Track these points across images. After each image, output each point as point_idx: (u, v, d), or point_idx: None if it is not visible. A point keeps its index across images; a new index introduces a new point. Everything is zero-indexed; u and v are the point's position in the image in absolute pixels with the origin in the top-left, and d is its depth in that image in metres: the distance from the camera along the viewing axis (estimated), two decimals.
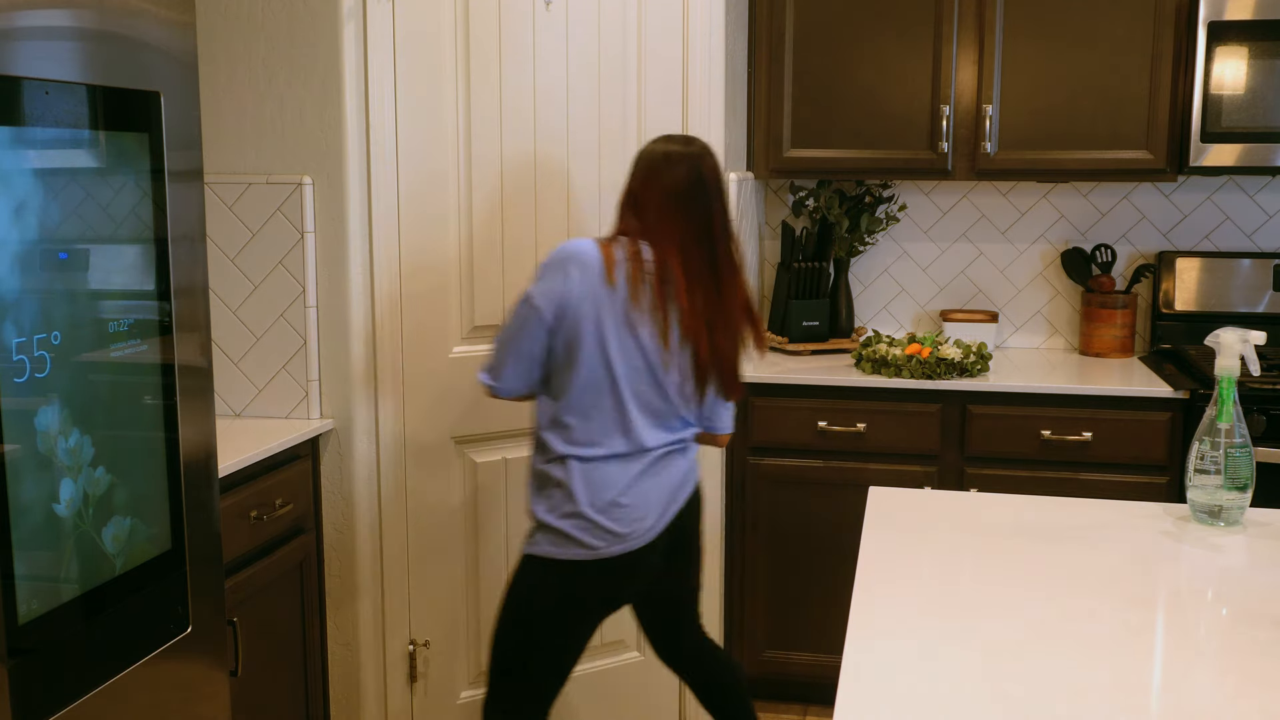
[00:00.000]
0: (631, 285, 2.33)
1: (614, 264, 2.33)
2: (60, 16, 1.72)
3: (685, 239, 2.38)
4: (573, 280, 2.32)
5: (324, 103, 2.69)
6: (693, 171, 2.40)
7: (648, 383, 2.40)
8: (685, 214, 2.38)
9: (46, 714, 1.72)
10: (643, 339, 2.36)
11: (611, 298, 2.33)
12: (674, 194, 2.38)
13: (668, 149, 2.43)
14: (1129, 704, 1.41)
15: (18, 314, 1.66)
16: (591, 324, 2.33)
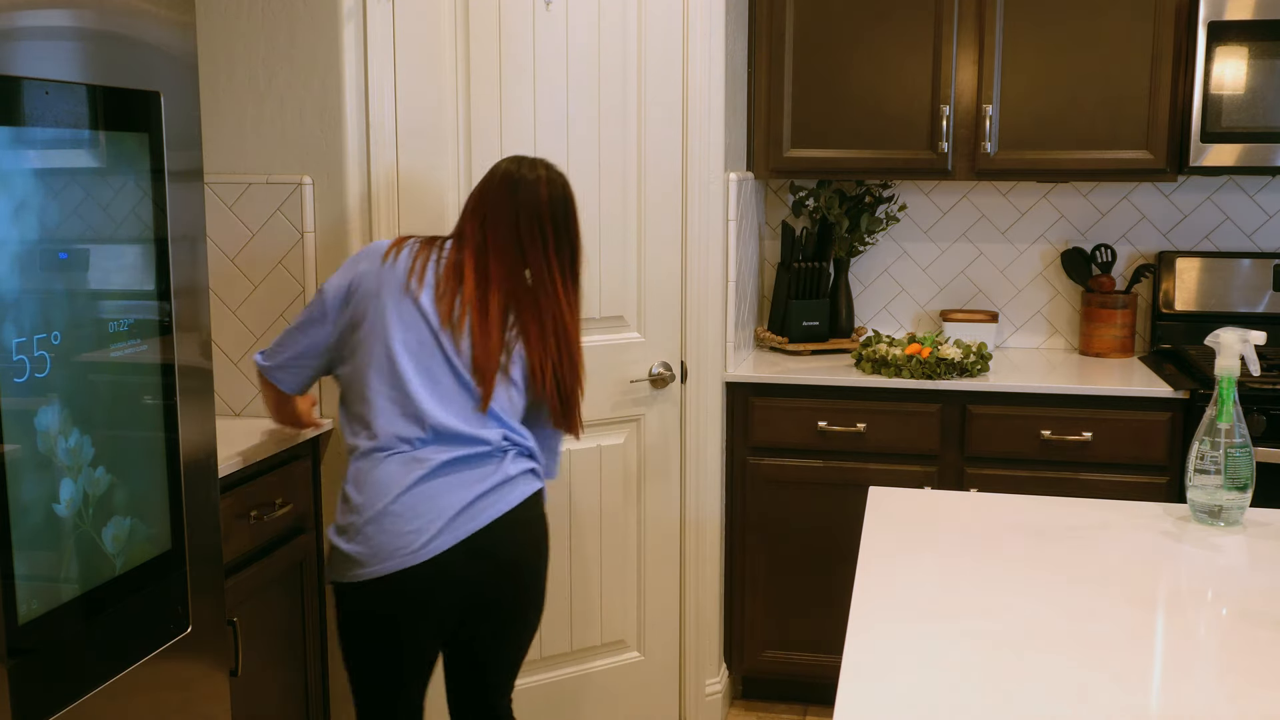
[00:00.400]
0: (414, 260, 2.28)
1: (400, 246, 2.32)
2: (60, 16, 1.72)
3: (492, 243, 2.29)
4: (359, 266, 2.32)
5: (324, 103, 2.69)
6: (527, 181, 2.33)
7: (436, 358, 2.23)
8: (497, 223, 2.30)
9: (46, 714, 1.72)
10: (424, 306, 2.24)
11: (391, 271, 2.27)
12: (487, 206, 2.32)
13: (507, 169, 2.37)
14: (1129, 704, 1.41)
15: (18, 314, 1.66)
16: (371, 299, 2.26)
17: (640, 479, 3.23)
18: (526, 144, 2.91)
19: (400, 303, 2.26)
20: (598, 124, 3.01)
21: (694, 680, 3.38)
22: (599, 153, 3.02)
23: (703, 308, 3.24)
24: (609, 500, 3.18)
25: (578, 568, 3.15)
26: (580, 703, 3.22)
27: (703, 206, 3.19)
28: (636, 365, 3.17)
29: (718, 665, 3.45)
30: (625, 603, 3.26)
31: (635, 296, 3.14)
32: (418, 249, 2.32)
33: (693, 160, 3.16)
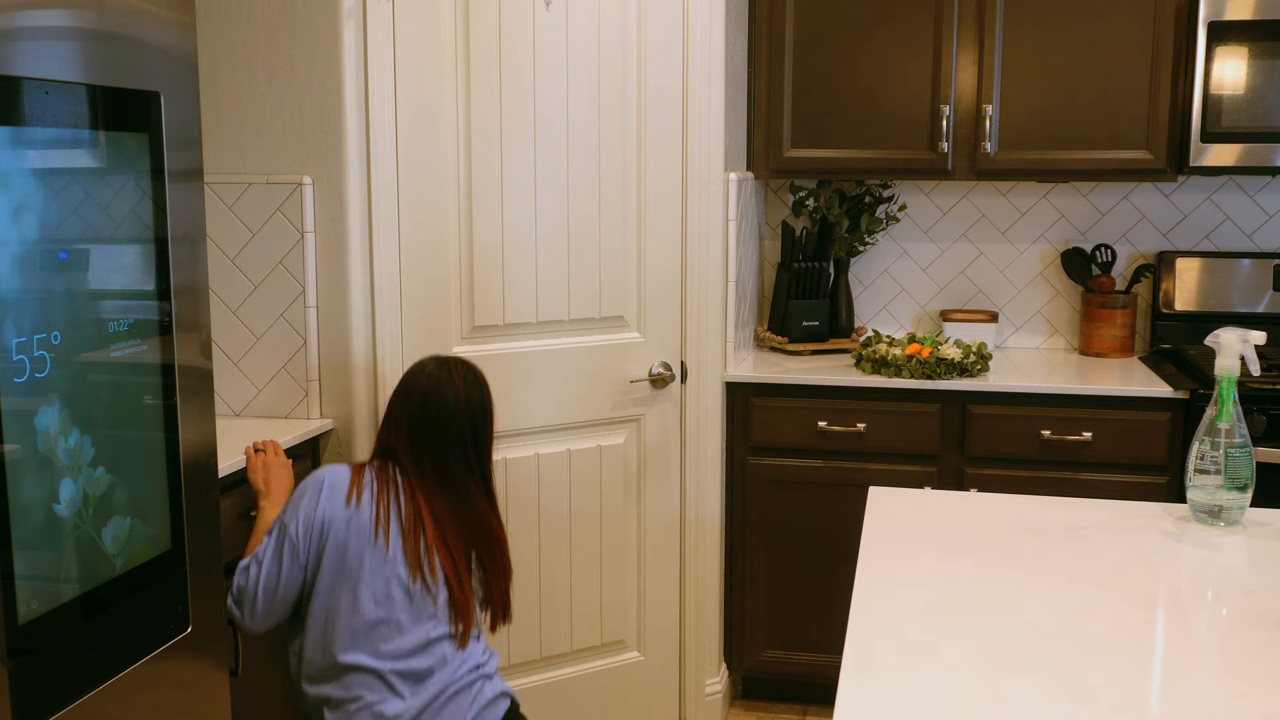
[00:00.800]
0: (376, 506, 2.28)
1: (359, 485, 2.29)
2: (60, 16, 1.72)
3: (434, 472, 2.32)
4: (322, 508, 2.27)
5: (324, 103, 2.69)
6: (447, 403, 2.33)
7: (406, 607, 2.27)
8: (433, 445, 2.32)
9: (46, 714, 1.72)
10: (393, 556, 2.27)
11: (357, 516, 2.27)
12: (424, 423, 2.32)
13: (427, 374, 2.36)
14: (1129, 704, 1.41)
15: (18, 314, 1.66)
16: (340, 546, 2.26)
17: (640, 479, 3.23)
18: (526, 143, 2.91)
19: (371, 553, 2.26)
20: (598, 124, 3.01)
21: (694, 680, 3.38)
22: (599, 152, 3.02)
23: (703, 308, 3.24)
24: (609, 500, 3.18)
25: (578, 568, 3.15)
26: (580, 703, 3.22)
27: (703, 206, 3.19)
28: (636, 365, 3.17)
29: (718, 665, 3.45)
30: (625, 603, 3.26)
31: (635, 296, 3.14)
32: (377, 489, 2.30)
33: (693, 160, 3.16)
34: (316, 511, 2.28)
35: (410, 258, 2.81)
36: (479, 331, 2.93)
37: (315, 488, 2.30)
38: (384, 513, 2.29)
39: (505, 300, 2.95)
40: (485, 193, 2.88)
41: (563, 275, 3.02)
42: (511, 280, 2.95)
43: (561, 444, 3.08)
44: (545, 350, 3.03)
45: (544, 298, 3.00)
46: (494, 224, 2.90)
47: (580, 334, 3.08)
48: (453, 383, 2.35)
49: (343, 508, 2.28)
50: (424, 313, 2.85)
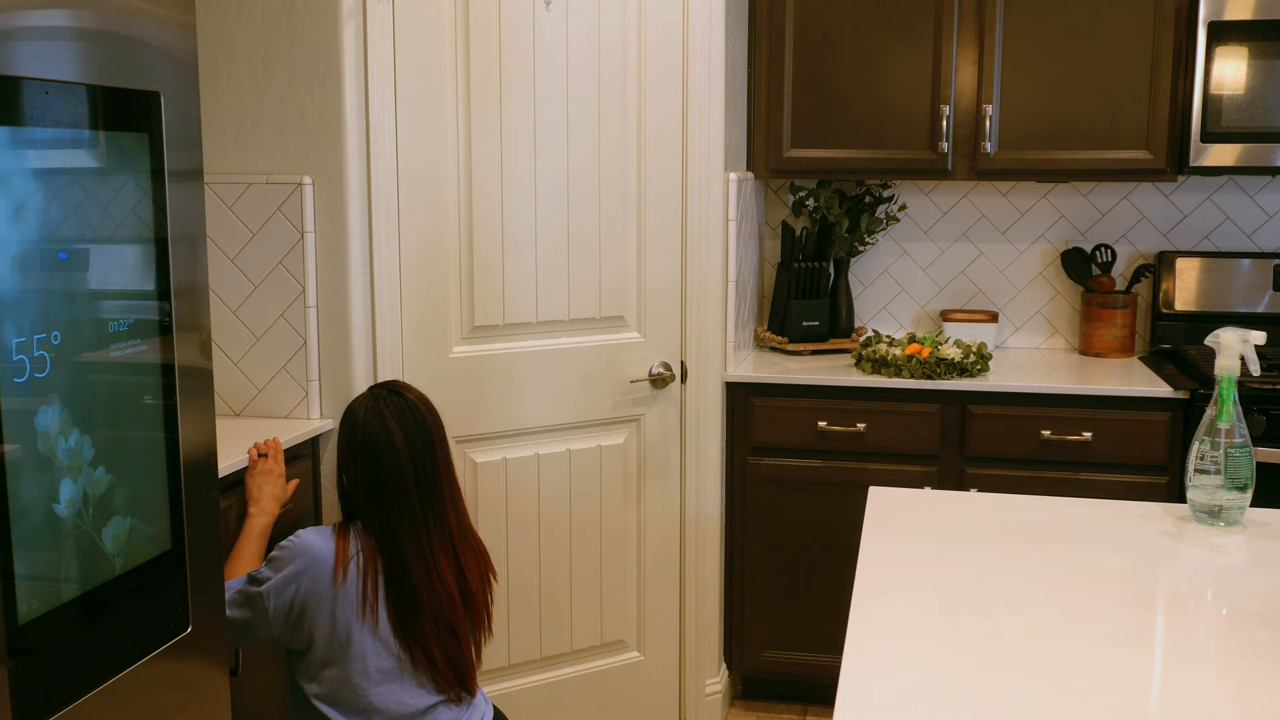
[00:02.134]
0: (364, 582, 2.23)
1: (344, 561, 2.23)
2: (60, 16, 1.72)
3: (410, 524, 2.24)
4: (304, 579, 2.23)
5: (324, 103, 2.69)
6: (406, 426, 2.26)
7: (407, 674, 2.26)
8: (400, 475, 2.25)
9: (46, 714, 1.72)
10: (382, 633, 2.24)
11: (344, 593, 2.23)
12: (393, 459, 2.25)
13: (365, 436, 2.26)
14: (1129, 704, 1.41)
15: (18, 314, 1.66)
16: (327, 619, 2.23)
17: (640, 479, 3.23)
18: (526, 143, 2.91)
19: (360, 630, 2.23)
20: (598, 124, 3.01)
21: (694, 680, 3.38)
22: (599, 152, 3.02)
23: (703, 308, 3.24)
24: (609, 500, 3.18)
25: (578, 568, 3.15)
26: (580, 703, 3.22)
27: (703, 206, 3.19)
28: (636, 365, 3.17)
29: (718, 665, 3.45)
30: (625, 603, 3.26)
31: (635, 296, 3.14)
32: (364, 564, 2.24)
33: (693, 160, 3.16)
34: (298, 595, 2.24)
35: (410, 258, 2.81)
36: (479, 331, 2.93)
37: (297, 567, 2.24)
38: (371, 590, 2.24)
39: (505, 300, 2.95)
40: (485, 193, 2.88)
41: (563, 275, 3.02)
42: (511, 280, 2.95)
43: (561, 444, 3.08)
44: (545, 350, 3.03)
45: (544, 298, 3.00)
46: (494, 224, 2.90)
47: (580, 334, 3.08)
48: (389, 432, 2.26)
49: (327, 583, 2.24)
50: (424, 313, 2.85)
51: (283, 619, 2.25)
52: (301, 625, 2.25)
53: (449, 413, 2.90)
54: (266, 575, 2.26)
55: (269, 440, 2.52)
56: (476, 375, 2.94)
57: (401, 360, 2.83)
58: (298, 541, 2.27)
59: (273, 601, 2.24)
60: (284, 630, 2.27)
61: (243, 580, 2.29)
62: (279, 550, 2.28)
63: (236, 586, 2.29)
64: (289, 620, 2.25)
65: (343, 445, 2.33)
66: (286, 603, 2.24)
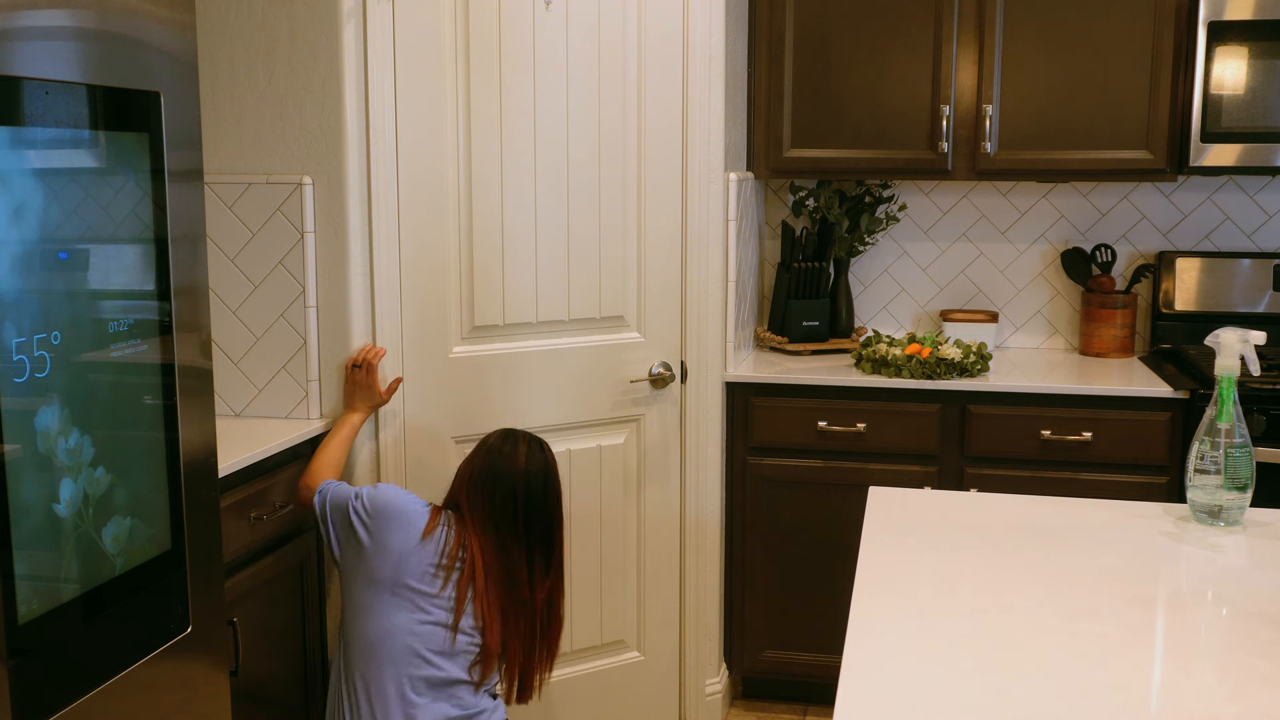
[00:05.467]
0: (439, 558, 2.45)
1: (435, 527, 2.46)
2: (60, 16, 1.72)
3: (500, 537, 2.48)
4: (394, 530, 2.45)
5: (324, 103, 2.69)
6: (527, 482, 2.50)
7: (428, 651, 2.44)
8: (506, 515, 2.49)
9: (46, 714, 1.72)
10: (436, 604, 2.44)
11: (428, 550, 2.45)
12: (512, 492, 2.50)
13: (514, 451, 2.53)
14: (1129, 704, 1.41)
15: (18, 314, 1.66)
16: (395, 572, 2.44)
17: (640, 479, 3.23)
18: (526, 143, 2.91)
19: (419, 591, 2.44)
20: (598, 123, 3.01)
21: (694, 680, 3.38)
22: (599, 153, 3.02)
23: (703, 308, 3.24)
24: (609, 500, 3.18)
25: (578, 568, 3.15)
26: (580, 703, 3.22)
27: (703, 206, 3.19)
28: (636, 365, 3.17)
29: (718, 665, 3.45)
30: (625, 603, 3.26)
31: (635, 296, 3.14)
32: (450, 540, 2.47)
33: (693, 160, 3.16)
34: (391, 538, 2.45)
35: (410, 258, 2.81)
36: (479, 331, 2.93)
37: (401, 511, 2.47)
38: (449, 558, 2.45)
39: (505, 300, 2.95)
40: (485, 193, 2.88)
41: (563, 275, 3.02)
42: (511, 280, 2.95)
43: (561, 444, 3.08)
44: (545, 350, 3.03)
45: (544, 297, 3.00)
46: (494, 224, 2.90)
47: (580, 334, 3.08)
48: (516, 453, 2.53)
49: (417, 540, 2.45)
50: (424, 313, 2.85)
51: (348, 540, 2.48)
52: (360, 555, 2.46)
53: (449, 413, 2.91)
54: (361, 501, 2.48)
55: (365, 350, 2.73)
56: (476, 375, 2.94)
57: (401, 360, 2.83)
58: (398, 490, 2.53)
59: (360, 530, 2.46)
60: (344, 550, 2.50)
61: (349, 494, 2.51)
62: (380, 491, 2.50)
63: (341, 499, 2.51)
64: (352, 545, 2.47)
65: (480, 451, 2.56)
66: (363, 528, 2.46)
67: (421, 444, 2.89)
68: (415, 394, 2.86)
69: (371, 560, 2.44)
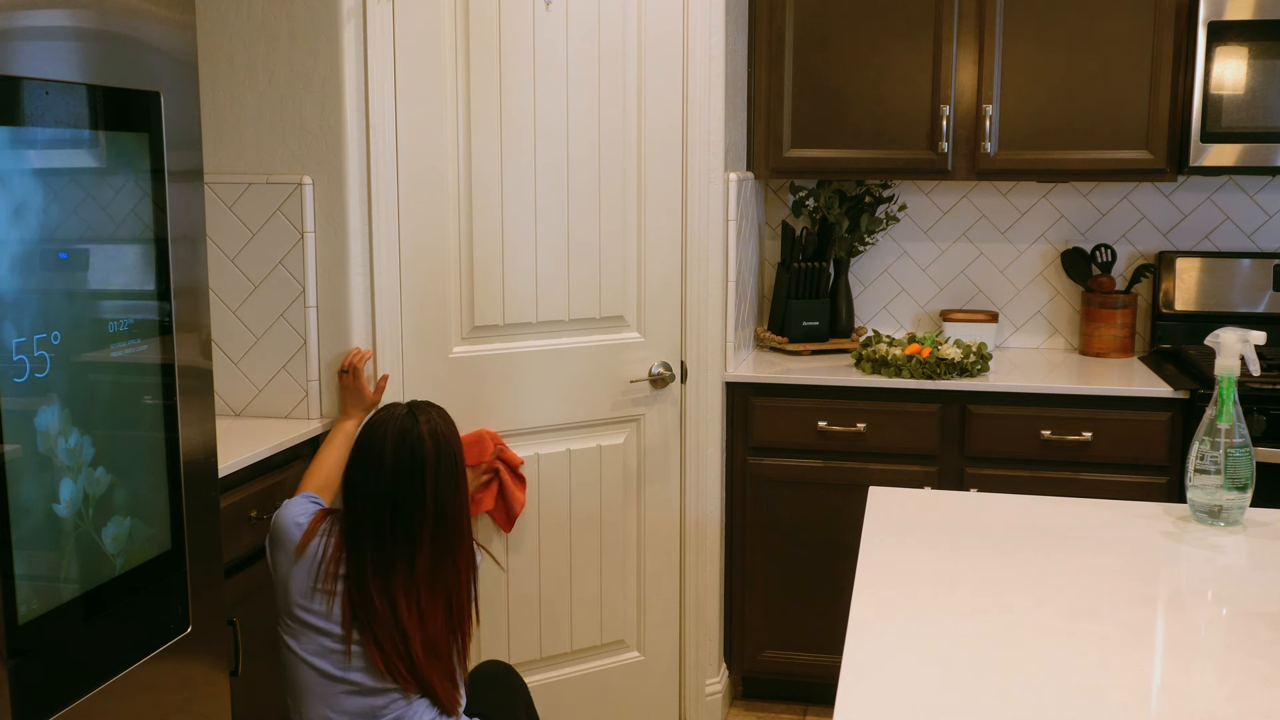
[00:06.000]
0: (322, 564, 2.24)
1: (310, 539, 2.26)
2: (60, 16, 1.72)
3: (369, 538, 2.22)
4: (279, 550, 2.31)
5: (324, 103, 2.69)
6: (401, 454, 2.21)
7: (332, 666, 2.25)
8: (381, 506, 2.21)
9: (46, 714, 1.72)
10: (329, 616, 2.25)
11: (299, 567, 2.26)
12: (373, 478, 2.22)
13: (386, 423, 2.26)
14: (1129, 704, 1.41)
15: (18, 314, 1.66)
16: (281, 585, 2.29)
17: (640, 479, 3.23)
18: (526, 143, 2.91)
19: (308, 608, 2.26)
20: (598, 123, 3.01)
21: (694, 680, 3.38)
22: (599, 153, 3.02)
23: (703, 308, 3.24)
24: (609, 500, 3.18)
25: (578, 568, 3.15)
26: (580, 703, 3.22)
27: (703, 206, 3.19)
28: (636, 365, 3.17)
29: (718, 665, 3.45)
30: (625, 603, 3.26)
31: (635, 296, 3.14)
32: (327, 550, 2.25)
33: (693, 160, 3.16)
34: (272, 550, 2.35)
35: (410, 257, 2.81)
36: (479, 331, 2.93)
37: (282, 531, 2.32)
38: (328, 573, 2.25)
39: (505, 300, 2.95)
40: (485, 193, 2.88)
41: (563, 275, 3.02)
42: (511, 280, 2.95)
43: (561, 444, 3.08)
44: (545, 350, 3.03)
45: (544, 297, 3.00)
46: (494, 224, 2.90)
47: (580, 334, 3.08)
48: (382, 446, 2.23)
49: (289, 556, 2.29)
50: (424, 313, 2.85)
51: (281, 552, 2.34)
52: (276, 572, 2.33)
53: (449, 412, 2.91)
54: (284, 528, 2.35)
55: (351, 355, 2.72)
56: (476, 375, 2.94)
57: (401, 360, 2.83)
58: (286, 504, 2.38)
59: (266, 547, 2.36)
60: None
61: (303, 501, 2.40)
62: (284, 504, 2.39)
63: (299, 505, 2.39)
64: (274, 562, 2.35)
65: (357, 438, 2.32)
66: (268, 555, 2.36)
67: None
68: (415, 394, 2.86)
69: (277, 584, 2.31)
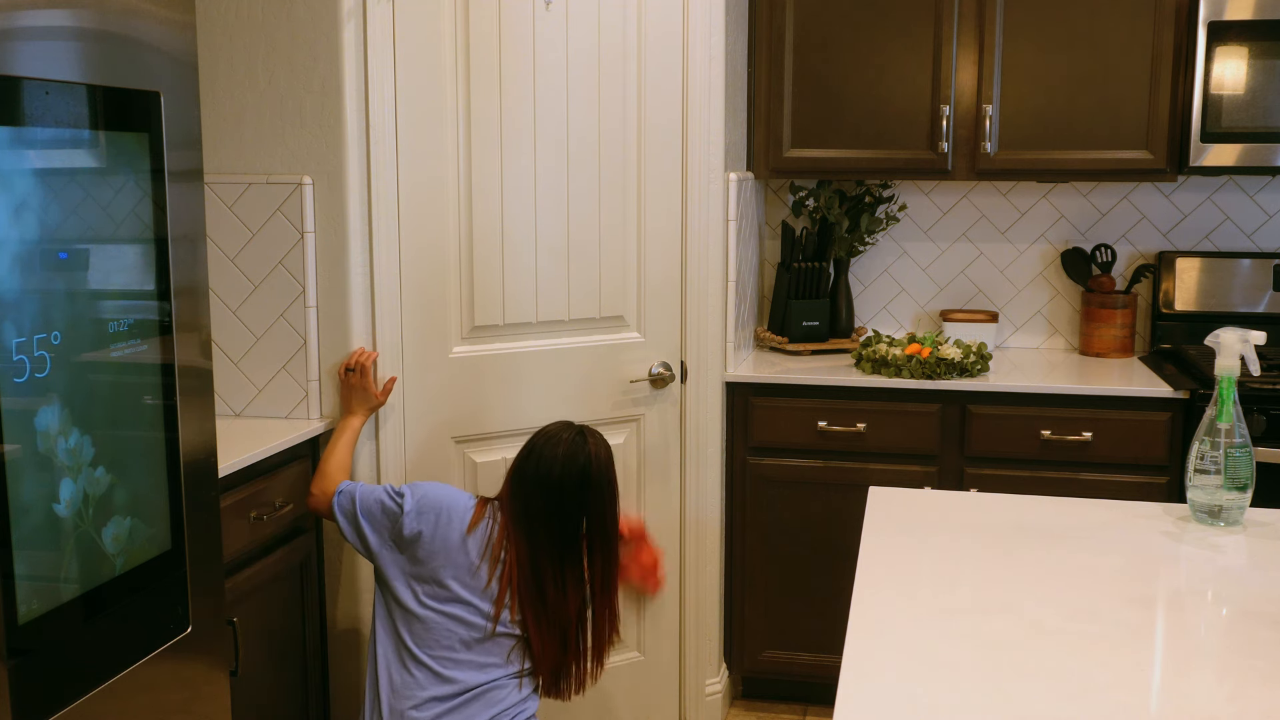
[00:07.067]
0: (483, 552, 2.43)
1: (479, 520, 2.44)
2: (60, 16, 1.72)
3: (530, 536, 2.44)
4: (440, 523, 2.43)
5: (324, 103, 2.69)
6: (571, 470, 2.43)
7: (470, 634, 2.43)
8: (549, 509, 2.43)
9: (46, 714, 1.72)
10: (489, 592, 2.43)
11: (473, 545, 2.43)
12: (545, 484, 2.43)
13: (559, 437, 2.47)
14: (1129, 704, 1.41)
15: (18, 314, 1.66)
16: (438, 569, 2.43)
17: (640, 479, 3.23)
18: (526, 143, 2.91)
19: (463, 587, 2.43)
20: (597, 123, 3.01)
21: (694, 680, 3.38)
22: (599, 152, 3.02)
23: (703, 308, 3.24)
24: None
25: None
26: (580, 702, 3.22)
27: (703, 206, 3.19)
28: (636, 365, 3.17)
29: (718, 665, 3.45)
30: (625, 603, 3.25)
31: (635, 296, 3.14)
32: (494, 534, 2.45)
33: (693, 160, 3.16)
34: (423, 530, 2.43)
35: (410, 258, 2.81)
36: (479, 331, 2.93)
37: (449, 506, 2.46)
38: (493, 556, 2.43)
39: (505, 300, 2.95)
40: (485, 192, 2.88)
41: (563, 275, 3.02)
42: (511, 280, 2.95)
43: None
44: (545, 350, 3.03)
45: (544, 298, 3.00)
46: (494, 224, 2.90)
47: (580, 334, 3.08)
48: (556, 442, 2.46)
49: (458, 536, 2.43)
50: (424, 313, 2.85)
51: (393, 537, 2.46)
52: (407, 550, 2.44)
53: (449, 413, 2.91)
54: (403, 496, 2.46)
55: (357, 354, 2.72)
56: (476, 375, 2.94)
57: (402, 360, 2.83)
58: (442, 486, 2.50)
59: (407, 523, 2.43)
60: (384, 546, 2.46)
61: (380, 490, 2.48)
62: (421, 485, 2.49)
63: (373, 495, 2.48)
64: (397, 541, 2.45)
65: (525, 444, 2.52)
66: (411, 527, 2.43)
67: (421, 444, 2.89)
68: (415, 394, 2.86)
69: (421, 553, 2.43)
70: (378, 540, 2.47)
